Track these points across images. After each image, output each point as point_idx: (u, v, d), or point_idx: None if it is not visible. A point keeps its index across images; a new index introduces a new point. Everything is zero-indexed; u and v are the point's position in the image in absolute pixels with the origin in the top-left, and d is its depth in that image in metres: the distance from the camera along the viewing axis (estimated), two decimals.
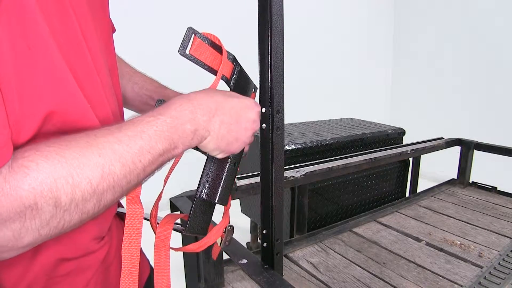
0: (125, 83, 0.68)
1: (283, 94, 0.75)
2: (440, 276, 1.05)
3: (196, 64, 0.52)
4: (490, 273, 1.05)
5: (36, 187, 0.31)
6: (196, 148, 0.51)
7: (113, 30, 0.60)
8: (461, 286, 1.00)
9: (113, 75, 0.52)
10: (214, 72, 0.54)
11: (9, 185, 0.30)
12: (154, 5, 2.78)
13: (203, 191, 0.55)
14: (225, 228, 0.63)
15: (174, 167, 0.53)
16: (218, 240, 0.64)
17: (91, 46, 0.44)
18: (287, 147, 1.66)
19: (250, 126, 0.53)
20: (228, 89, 0.58)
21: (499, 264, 1.10)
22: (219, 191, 0.55)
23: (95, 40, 0.46)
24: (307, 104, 3.44)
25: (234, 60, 0.58)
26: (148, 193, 0.53)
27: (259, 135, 0.79)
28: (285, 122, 0.77)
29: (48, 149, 0.33)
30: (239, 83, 0.60)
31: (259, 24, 0.71)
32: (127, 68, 0.71)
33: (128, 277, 0.44)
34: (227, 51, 0.56)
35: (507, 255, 1.15)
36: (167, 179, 0.54)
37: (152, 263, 0.54)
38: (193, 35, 0.51)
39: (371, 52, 4.38)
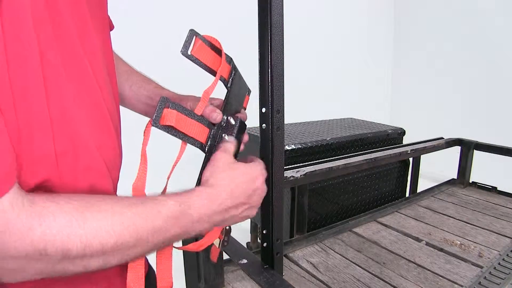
0: (123, 82, 0.68)
1: (283, 94, 0.75)
2: (440, 276, 1.05)
3: (197, 64, 0.54)
4: (490, 273, 1.05)
5: (48, 235, 0.33)
6: None
7: (111, 27, 0.60)
8: (461, 286, 1.00)
9: (110, 73, 0.52)
10: (213, 72, 0.56)
11: (23, 225, 0.32)
12: (154, 6, 2.78)
13: None
14: (223, 229, 0.63)
15: (176, 165, 0.53)
16: (216, 242, 0.63)
17: (89, 47, 0.44)
18: (287, 147, 1.66)
19: (259, 201, 0.57)
20: (225, 89, 0.60)
21: (499, 264, 1.10)
22: None
23: (94, 40, 0.46)
24: (307, 104, 3.44)
25: (231, 62, 0.60)
26: (148, 192, 0.53)
27: (259, 135, 0.79)
28: (285, 122, 0.77)
29: (69, 206, 0.35)
30: (236, 85, 0.61)
31: (259, 24, 0.71)
32: (125, 67, 0.71)
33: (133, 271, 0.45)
34: (225, 54, 0.57)
35: (507, 255, 1.15)
36: (169, 176, 0.54)
37: (150, 262, 0.54)
38: (194, 36, 0.52)
39: (371, 52, 4.37)
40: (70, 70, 0.41)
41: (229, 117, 0.58)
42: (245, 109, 0.69)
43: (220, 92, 0.61)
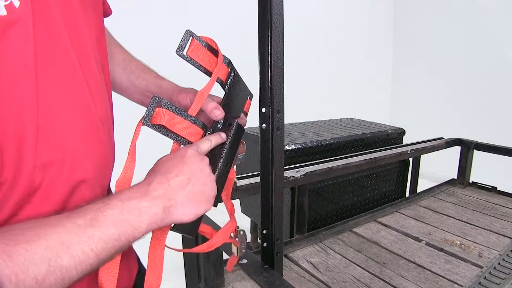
0: (120, 72, 0.66)
1: (283, 94, 0.75)
2: (440, 276, 1.05)
3: (193, 65, 0.54)
4: (490, 273, 1.05)
5: None
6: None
7: (108, 13, 0.58)
8: (461, 286, 1.00)
9: (105, 72, 0.51)
10: (209, 74, 0.56)
11: None
12: (154, 6, 2.78)
13: None
14: (237, 235, 0.63)
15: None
16: (234, 250, 0.64)
17: (82, 50, 0.43)
18: (287, 147, 1.66)
19: (202, 176, 0.49)
20: (223, 92, 0.59)
21: (499, 264, 1.10)
22: None
23: (87, 41, 0.44)
24: (307, 104, 3.44)
25: (229, 64, 0.59)
26: None
27: (259, 135, 0.79)
28: (285, 122, 0.77)
29: None
30: (234, 88, 0.61)
31: (259, 24, 0.71)
32: (123, 55, 0.67)
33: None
34: (223, 55, 0.57)
35: (507, 255, 1.15)
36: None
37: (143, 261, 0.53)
38: (191, 37, 0.53)
39: (371, 52, 4.37)
40: (57, 69, 0.39)
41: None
42: (246, 113, 0.68)
43: (220, 95, 0.60)
